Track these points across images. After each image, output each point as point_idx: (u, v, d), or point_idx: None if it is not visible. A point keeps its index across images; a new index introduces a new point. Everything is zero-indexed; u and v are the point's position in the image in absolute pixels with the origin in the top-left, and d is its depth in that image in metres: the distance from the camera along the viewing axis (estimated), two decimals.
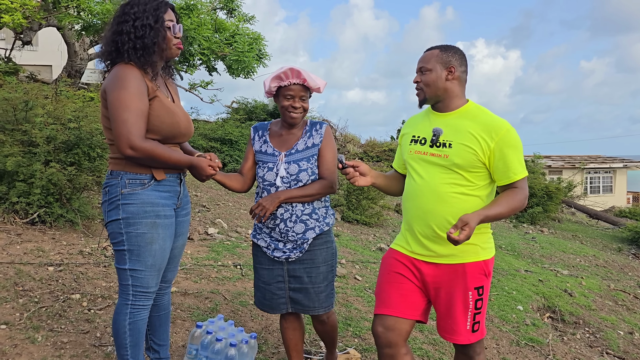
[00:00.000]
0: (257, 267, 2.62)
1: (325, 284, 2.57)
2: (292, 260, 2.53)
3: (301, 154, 2.51)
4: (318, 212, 2.54)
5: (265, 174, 2.51)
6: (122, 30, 2.13)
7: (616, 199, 25.63)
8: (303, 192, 2.46)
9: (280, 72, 2.44)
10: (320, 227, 2.54)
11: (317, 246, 2.55)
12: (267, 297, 2.59)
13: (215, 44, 9.36)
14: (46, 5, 7.91)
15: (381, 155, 17.17)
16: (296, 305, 2.56)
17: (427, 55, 2.25)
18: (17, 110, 4.76)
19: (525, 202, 2.16)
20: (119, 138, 2.02)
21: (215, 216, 6.49)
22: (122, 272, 2.17)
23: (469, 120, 2.19)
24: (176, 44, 2.23)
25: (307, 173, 2.48)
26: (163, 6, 2.19)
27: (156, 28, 2.14)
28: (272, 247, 2.55)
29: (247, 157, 2.65)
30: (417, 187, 2.25)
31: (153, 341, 2.46)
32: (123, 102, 2.03)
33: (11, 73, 8.79)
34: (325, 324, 2.68)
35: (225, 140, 10.71)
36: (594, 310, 5.54)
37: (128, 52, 2.11)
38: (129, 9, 2.15)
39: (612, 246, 11.35)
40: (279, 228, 2.50)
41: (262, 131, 2.64)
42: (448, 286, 2.22)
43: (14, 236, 4.20)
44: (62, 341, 2.78)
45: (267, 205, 2.42)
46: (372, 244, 7.08)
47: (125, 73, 2.08)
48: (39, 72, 10.87)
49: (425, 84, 2.23)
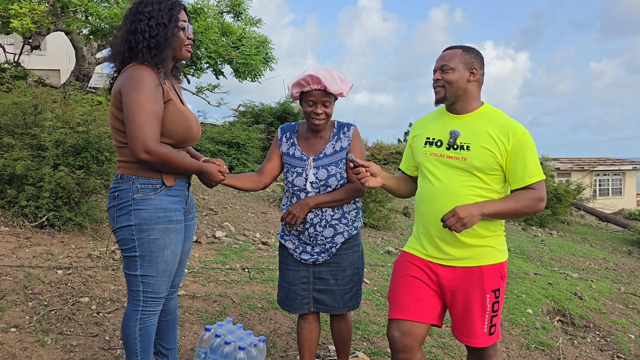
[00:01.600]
0: (283, 268, 2.63)
1: (350, 286, 2.58)
2: (319, 263, 2.54)
3: (329, 158, 2.51)
4: (347, 216, 2.55)
5: (295, 179, 2.51)
6: (137, 29, 2.08)
7: (626, 202, 25.41)
8: (332, 197, 2.47)
9: (301, 78, 2.42)
10: (349, 232, 2.55)
11: (345, 250, 2.56)
12: (290, 297, 2.59)
13: (222, 47, 9.39)
14: (54, 10, 7.96)
15: (388, 158, 17.12)
16: (320, 305, 2.57)
17: (450, 54, 2.23)
18: (27, 114, 4.79)
19: (539, 204, 2.13)
20: (134, 141, 1.97)
21: (223, 219, 6.49)
22: (133, 278, 2.13)
23: (486, 123, 2.18)
24: (188, 45, 2.20)
25: (336, 178, 2.48)
26: (177, 6, 2.16)
27: (170, 27, 2.11)
28: (299, 250, 2.55)
29: (270, 157, 2.62)
30: (434, 189, 2.23)
31: (161, 345, 2.45)
32: (140, 104, 1.98)
33: (20, 77, 8.85)
34: (342, 322, 2.68)
35: (232, 143, 10.71)
36: (605, 314, 5.48)
37: (142, 51, 2.07)
38: (143, 8, 2.11)
39: (622, 249, 11.25)
40: (308, 232, 2.51)
41: (289, 133, 2.62)
42: (465, 289, 2.21)
43: (23, 240, 4.22)
44: (72, 344, 2.78)
45: (297, 213, 2.44)
46: (380, 247, 7.05)
47: (142, 74, 2.03)
48: (47, 76, 10.94)
49: (447, 82, 2.20)
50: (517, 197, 2.14)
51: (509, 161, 2.14)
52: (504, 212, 2.12)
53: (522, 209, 2.12)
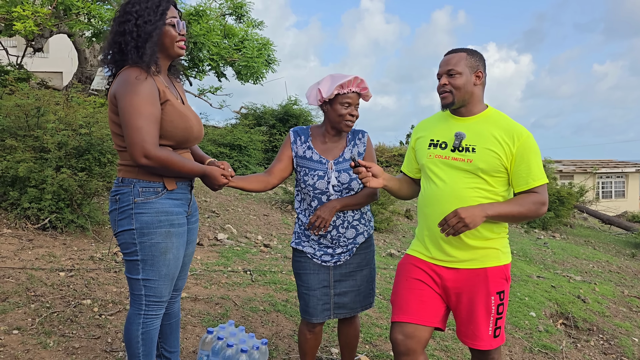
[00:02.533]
0: (301, 274, 2.60)
1: (366, 284, 2.63)
2: (340, 264, 2.56)
3: (349, 162, 2.53)
4: (365, 217, 2.62)
5: (316, 182, 2.51)
6: (125, 30, 2.04)
7: (629, 204, 25.34)
8: (356, 200, 2.52)
9: (344, 80, 2.43)
10: (368, 231, 2.63)
11: (363, 249, 2.61)
12: (310, 304, 2.56)
13: (224, 49, 9.39)
14: (57, 12, 7.98)
15: (390, 160, 17.12)
16: (340, 310, 2.59)
17: (455, 58, 2.21)
18: (29, 116, 4.79)
19: (542, 208, 2.13)
20: (132, 147, 1.94)
21: (225, 222, 6.48)
22: (135, 282, 2.11)
23: (491, 125, 2.19)
24: (179, 41, 2.14)
25: (358, 181, 2.52)
26: (164, 3, 2.10)
27: (159, 25, 2.06)
28: (320, 253, 2.56)
29: (281, 158, 2.61)
30: (438, 192, 2.22)
31: (164, 348, 2.44)
32: (136, 108, 1.94)
33: (23, 80, 8.87)
34: (351, 327, 2.71)
35: (234, 145, 10.71)
36: (608, 317, 5.46)
37: (131, 52, 2.03)
38: (130, 8, 2.06)
39: (625, 252, 11.21)
40: (331, 235, 2.53)
41: (304, 136, 2.62)
42: (470, 291, 2.20)
43: (26, 242, 4.22)
44: (74, 346, 2.78)
45: (326, 216, 2.45)
46: (382, 249, 7.04)
47: (135, 77, 1.99)
48: (50, 78, 10.97)
49: (455, 87, 2.19)
50: (520, 201, 2.14)
51: (514, 164, 2.14)
52: (507, 214, 2.12)
53: (525, 213, 2.12)
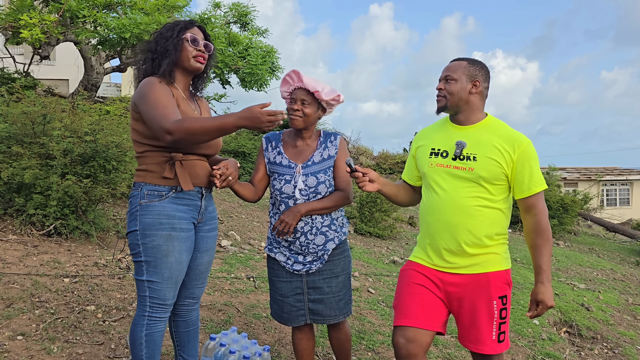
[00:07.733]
0: (274, 280, 2.59)
1: (344, 292, 2.58)
2: (312, 272, 2.52)
3: (318, 165, 2.51)
4: (336, 223, 2.56)
5: (283, 186, 2.49)
6: (149, 48, 2.26)
7: (634, 212, 25.20)
8: (322, 204, 2.46)
9: (286, 75, 2.50)
10: (339, 237, 2.55)
11: (336, 256, 2.55)
12: (285, 309, 2.56)
13: (228, 57, 9.45)
14: (64, 20, 8.06)
15: (394, 167, 17.14)
16: (315, 316, 2.55)
17: (455, 65, 2.28)
18: (36, 123, 4.84)
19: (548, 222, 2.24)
20: (157, 131, 2.03)
21: (229, 228, 6.51)
22: (140, 283, 2.18)
23: (491, 134, 2.22)
24: (196, 55, 2.24)
25: (325, 185, 2.48)
26: (189, 24, 2.27)
27: (175, 41, 2.21)
28: (291, 261, 2.53)
29: (258, 168, 2.61)
30: (440, 200, 2.25)
31: (182, 357, 2.47)
32: (153, 99, 2.07)
33: (29, 87, 8.95)
34: (341, 332, 2.67)
35: (238, 152, 10.76)
36: (612, 325, 5.44)
37: (146, 63, 2.22)
38: (165, 31, 2.25)
39: (630, 259, 11.15)
40: (299, 241, 2.49)
41: (275, 142, 2.61)
42: (472, 296, 2.22)
43: (31, 248, 4.25)
44: (78, 352, 2.79)
45: (290, 220, 2.42)
46: (385, 256, 7.04)
47: (149, 81, 2.14)
48: (56, 86, 11.05)
49: (448, 92, 2.26)
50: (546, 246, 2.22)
51: (515, 171, 2.18)
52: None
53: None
